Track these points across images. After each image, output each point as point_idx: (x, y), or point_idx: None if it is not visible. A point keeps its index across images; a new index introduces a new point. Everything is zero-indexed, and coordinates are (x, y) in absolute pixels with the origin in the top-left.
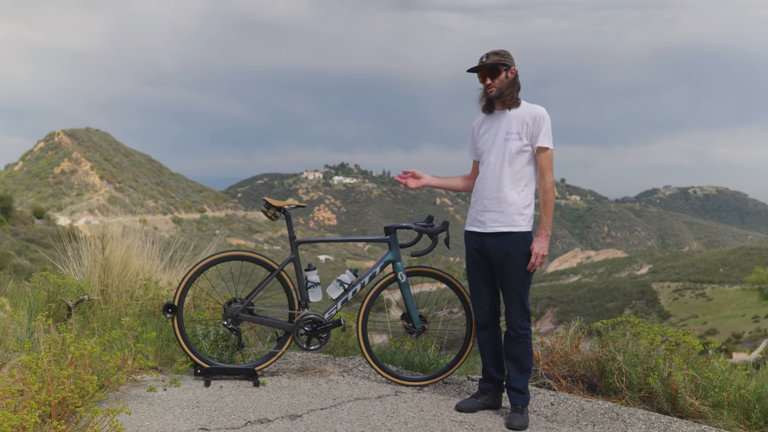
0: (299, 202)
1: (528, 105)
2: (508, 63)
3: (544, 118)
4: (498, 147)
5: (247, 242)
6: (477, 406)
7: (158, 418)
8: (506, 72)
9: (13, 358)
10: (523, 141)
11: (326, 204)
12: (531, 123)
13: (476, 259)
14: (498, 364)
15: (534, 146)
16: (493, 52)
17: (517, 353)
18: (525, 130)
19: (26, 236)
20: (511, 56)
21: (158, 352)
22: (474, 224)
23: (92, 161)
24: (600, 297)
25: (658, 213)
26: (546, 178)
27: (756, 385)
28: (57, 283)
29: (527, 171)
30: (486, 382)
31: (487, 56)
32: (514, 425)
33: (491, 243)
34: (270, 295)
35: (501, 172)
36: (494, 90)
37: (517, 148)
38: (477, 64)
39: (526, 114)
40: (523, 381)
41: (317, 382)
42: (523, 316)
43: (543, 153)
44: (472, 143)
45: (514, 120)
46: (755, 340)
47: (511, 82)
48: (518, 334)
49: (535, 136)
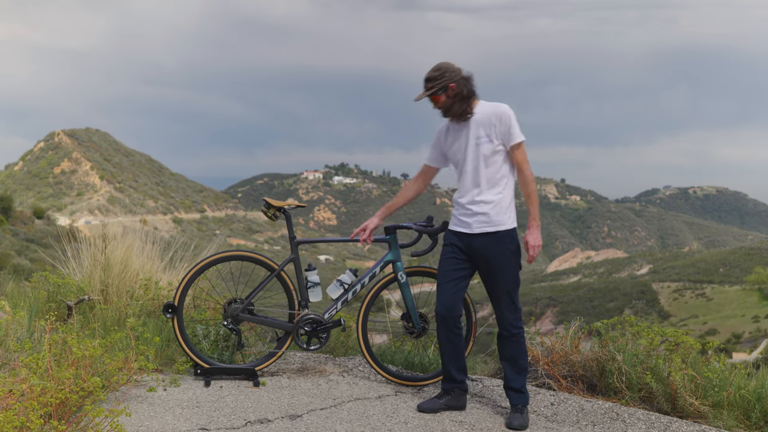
0: (299, 203)
1: (489, 105)
2: (443, 84)
3: (509, 116)
4: (472, 153)
5: (247, 242)
6: (439, 407)
7: (158, 419)
8: (444, 93)
9: (14, 359)
10: (494, 142)
11: (326, 204)
12: (498, 123)
13: (455, 255)
14: (458, 363)
15: (507, 145)
16: (427, 78)
17: (512, 353)
18: (494, 131)
19: (26, 236)
20: (448, 72)
21: (158, 353)
22: (460, 226)
23: (92, 161)
24: (600, 297)
25: (658, 213)
26: (525, 171)
27: (756, 385)
28: (57, 283)
29: (504, 170)
30: (448, 381)
31: (425, 84)
32: (514, 425)
33: (479, 243)
34: (270, 295)
35: (480, 177)
36: (442, 111)
37: (491, 150)
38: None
39: (491, 115)
40: (520, 380)
41: (317, 382)
42: (515, 315)
43: (517, 149)
44: (436, 150)
45: (480, 124)
46: (755, 340)
47: (453, 100)
48: (511, 334)
49: (505, 135)
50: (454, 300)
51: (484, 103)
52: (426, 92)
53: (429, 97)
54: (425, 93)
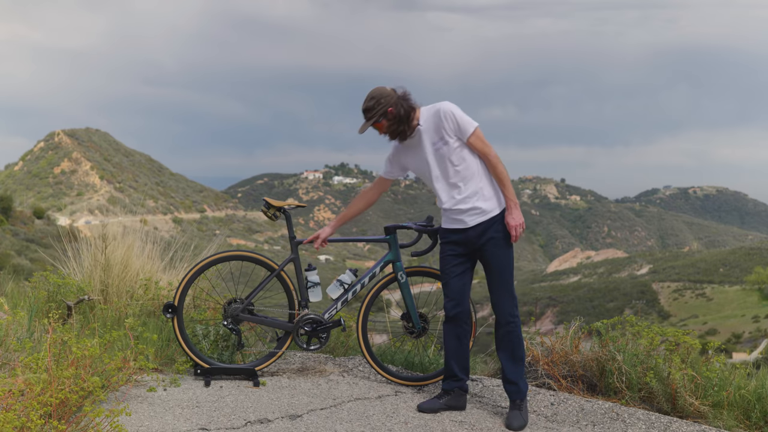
0: (299, 202)
1: (430, 109)
2: (381, 111)
3: (451, 110)
4: (434, 160)
5: (247, 242)
6: (439, 407)
7: (158, 418)
8: (384, 118)
9: (14, 359)
10: (451, 142)
11: (326, 204)
12: (447, 121)
13: (454, 252)
14: (462, 361)
15: (463, 138)
16: (364, 109)
17: (509, 342)
18: (444, 132)
19: (26, 236)
20: (383, 98)
21: (158, 353)
22: (454, 224)
23: (92, 161)
24: (600, 297)
25: (658, 213)
26: (488, 154)
27: (756, 385)
28: (57, 283)
29: (472, 161)
30: (448, 381)
31: (363, 114)
32: (513, 426)
33: (473, 234)
34: (270, 295)
35: (453, 179)
36: (393, 136)
37: (451, 151)
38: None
39: (435, 117)
40: (517, 371)
41: (317, 382)
42: (512, 302)
43: (473, 137)
44: (394, 164)
45: (430, 130)
46: (755, 340)
47: (395, 122)
48: (507, 321)
49: (457, 130)
50: (462, 295)
51: (425, 108)
52: (367, 123)
53: (372, 126)
54: (367, 124)
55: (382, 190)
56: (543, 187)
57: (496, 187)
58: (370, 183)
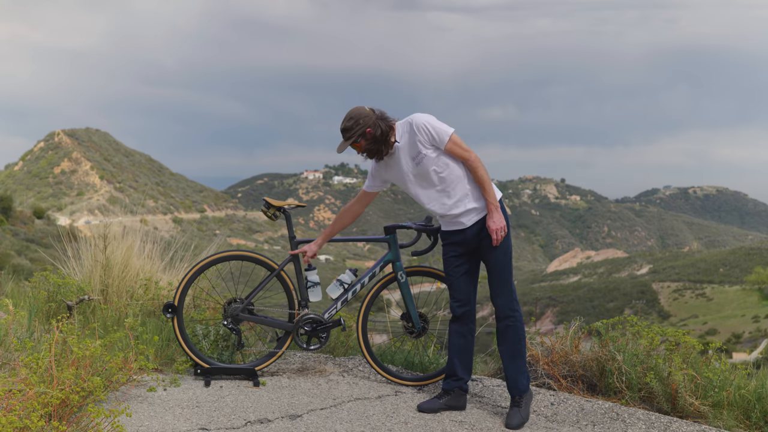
0: (299, 202)
1: (404, 124)
2: (359, 131)
3: (425, 122)
4: (418, 173)
5: (247, 242)
6: (439, 407)
7: (158, 418)
8: (363, 138)
9: (14, 359)
10: (429, 153)
11: (326, 204)
12: (420, 134)
13: (456, 252)
14: (466, 360)
15: (441, 146)
16: (343, 129)
17: (510, 336)
18: (421, 144)
19: (26, 236)
20: (362, 118)
21: (158, 352)
22: (452, 225)
23: (92, 161)
24: (600, 297)
25: (658, 213)
26: (468, 159)
27: (756, 385)
28: (57, 283)
29: (455, 167)
30: (449, 380)
31: (342, 136)
32: (511, 424)
33: (471, 233)
34: (270, 295)
35: (438, 186)
36: (371, 155)
37: (432, 161)
38: (338, 148)
39: (410, 131)
40: (516, 367)
41: (317, 382)
42: (511, 296)
43: (450, 144)
44: (376, 179)
45: (406, 145)
46: (755, 340)
47: (372, 143)
48: (507, 315)
49: (434, 140)
50: (468, 294)
51: (399, 124)
52: (346, 142)
53: (351, 146)
54: (345, 143)
55: (366, 203)
56: (543, 187)
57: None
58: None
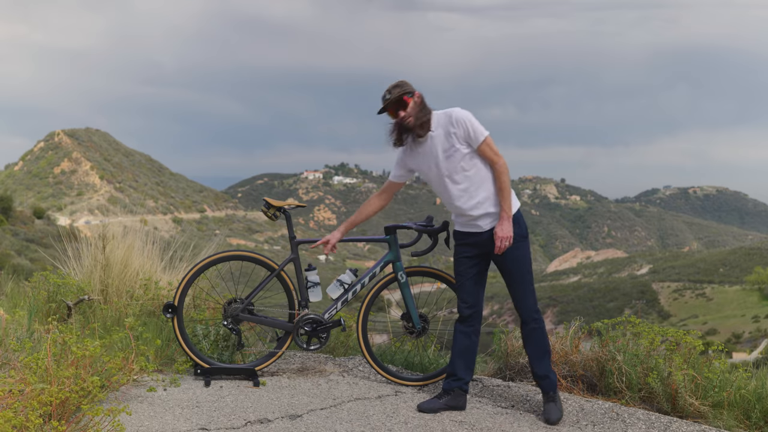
0: (299, 202)
1: (442, 113)
2: (410, 90)
3: (465, 117)
4: (446, 167)
5: (247, 242)
6: (439, 407)
7: (158, 418)
8: (413, 99)
9: (14, 359)
10: (462, 149)
11: (326, 204)
12: (457, 128)
13: (469, 254)
14: (469, 361)
15: (474, 146)
16: (393, 85)
17: (536, 338)
18: (456, 138)
19: (26, 236)
20: (408, 85)
21: (158, 352)
22: (469, 228)
23: (92, 161)
24: (600, 297)
25: (658, 213)
26: (497, 163)
27: (756, 385)
28: (57, 283)
29: (483, 166)
30: (449, 380)
31: (389, 92)
32: (552, 419)
33: (488, 236)
34: (270, 295)
35: (462, 184)
36: (411, 119)
37: (461, 157)
38: (382, 104)
39: (447, 123)
40: (545, 364)
41: (317, 382)
42: (533, 298)
43: (483, 145)
44: (402, 168)
45: (441, 136)
46: (755, 340)
47: (421, 106)
48: (533, 318)
49: (468, 137)
50: (477, 296)
51: (437, 113)
52: (397, 93)
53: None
54: (396, 92)
55: (391, 195)
56: (543, 187)
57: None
58: (370, 183)
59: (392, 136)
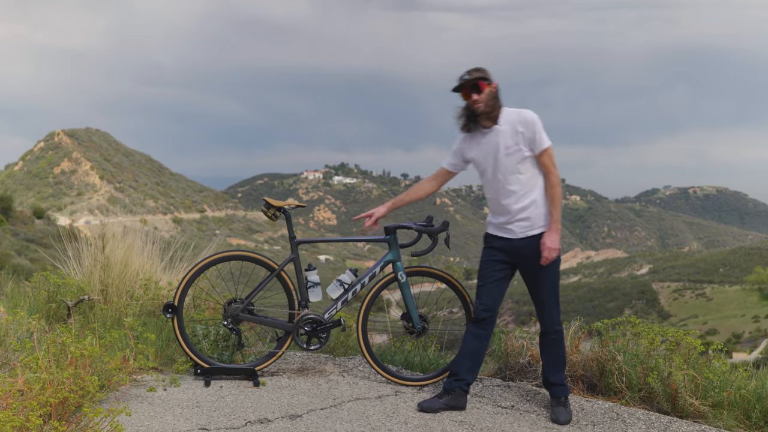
0: (299, 202)
1: (513, 111)
2: (489, 77)
3: (535, 121)
4: (502, 163)
5: (247, 242)
6: (440, 407)
7: (158, 418)
8: (489, 86)
9: (14, 359)
10: (523, 150)
11: (326, 204)
12: (525, 130)
13: (497, 258)
14: (476, 362)
15: (535, 151)
16: (474, 69)
17: (556, 348)
18: (521, 138)
19: (26, 236)
20: (489, 72)
21: (158, 352)
22: (501, 232)
23: (92, 161)
24: (600, 297)
25: (658, 213)
26: (552, 174)
27: (756, 385)
28: (57, 283)
29: (536, 174)
30: (451, 380)
31: (468, 73)
32: (561, 420)
33: (522, 246)
34: (270, 295)
35: (514, 185)
36: (481, 105)
37: (520, 159)
38: (458, 83)
39: (516, 122)
40: (561, 374)
41: (317, 382)
42: (557, 311)
43: (545, 154)
44: (458, 156)
45: (507, 132)
46: (755, 340)
47: (495, 95)
48: (555, 330)
49: (533, 141)
50: (496, 300)
51: (508, 110)
52: (476, 76)
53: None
54: (475, 75)
55: (442, 182)
56: None
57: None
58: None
59: (460, 120)
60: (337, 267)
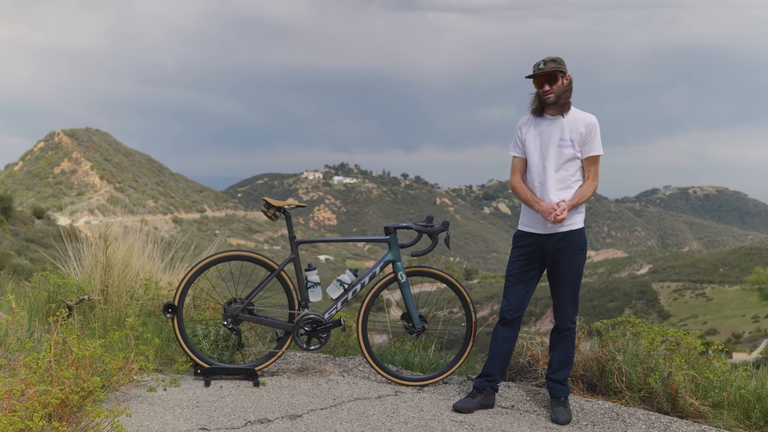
0: (299, 202)
1: (579, 112)
2: (564, 69)
3: (597, 126)
4: (553, 153)
5: (247, 242)
6: (474, 406)
7: (158, 418)
8: (563, 78)
9: (15, 359)
10: (575, 148)
11: (326, 204)
12: (585, 131)
13: (527, 257)
14: (505, 363)
15: (585, 154)
16: (550, 59)
17: (565, 345)
18: (578, 137)
19: (26, 236)
20: (565, 63)
21: (158, 352)
22: (533, 226)
23: (92, 161)
24: (600, 297)
25: (658, 213)
26: (592, 182)
27: (756, 385)
28: (57, 283)
29: (578, 174)
30: (482, 379)
31: (545, 63)
32: (560, 420)
33: (552, 242)
34: (270, 295)
35: (556, 178)
36: (552, 96)
37: (570, 155)
38: (534, 71)
39: (580, 122)
40: (566, 373)
41: (317, 382)
42: (574, 309)
43: (595, 159)
44: (518, 148)
45: (567, 127)
46: (755, 340)
47: (567, 88)
48: (568, 327)
49: (588, 144)
50: (524, 301)
51: (575, 109)
52: (551, 67)
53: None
54: (551, 66)
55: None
56: None
57: (583, 207)
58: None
59: (533, 104)
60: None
